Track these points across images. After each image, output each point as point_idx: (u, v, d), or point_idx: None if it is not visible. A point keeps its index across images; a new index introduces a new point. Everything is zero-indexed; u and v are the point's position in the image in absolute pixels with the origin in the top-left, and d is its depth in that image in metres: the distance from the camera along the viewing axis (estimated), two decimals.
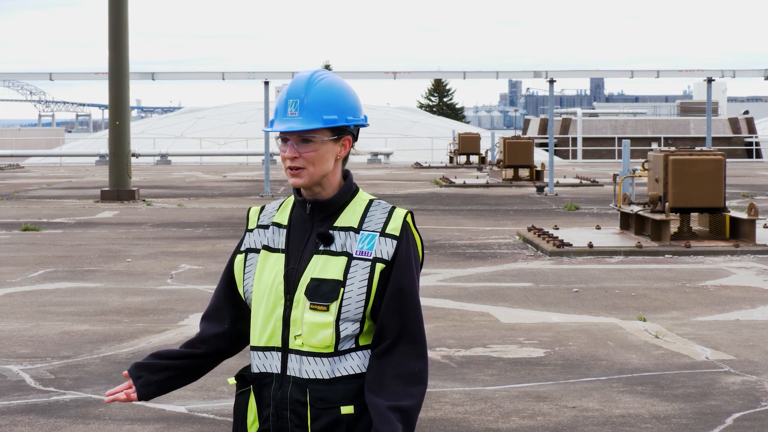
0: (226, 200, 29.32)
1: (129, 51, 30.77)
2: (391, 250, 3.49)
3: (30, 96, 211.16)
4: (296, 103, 3.51)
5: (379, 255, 3.48)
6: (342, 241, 3.50)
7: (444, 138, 60.05)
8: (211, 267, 16.17)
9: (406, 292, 3.49)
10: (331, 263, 3.49)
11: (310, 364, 3.47)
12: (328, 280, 3.47)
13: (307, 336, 3.47)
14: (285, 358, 3.50)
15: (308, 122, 3.49)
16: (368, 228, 3.52)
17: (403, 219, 3.54)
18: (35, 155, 62.51)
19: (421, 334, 3.51)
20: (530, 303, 13.16)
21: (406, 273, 3.50)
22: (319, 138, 3.51)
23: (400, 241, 3.51)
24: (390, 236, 3.51)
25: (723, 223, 18.66)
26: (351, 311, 3.47)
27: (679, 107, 77.98)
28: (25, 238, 20.12)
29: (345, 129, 3.55)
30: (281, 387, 3.50)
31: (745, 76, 41.60)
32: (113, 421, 8.16)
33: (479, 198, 29.86)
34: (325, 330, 3.46)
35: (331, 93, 3.53)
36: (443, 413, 8.36)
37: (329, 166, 3.52)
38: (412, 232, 3.56)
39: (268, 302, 3.53)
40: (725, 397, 8.81)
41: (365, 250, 3.49)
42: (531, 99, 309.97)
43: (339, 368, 3.48)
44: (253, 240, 3.64)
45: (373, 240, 3.50)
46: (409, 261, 3.51)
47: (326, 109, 3.51)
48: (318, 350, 3.47)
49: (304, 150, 3.51)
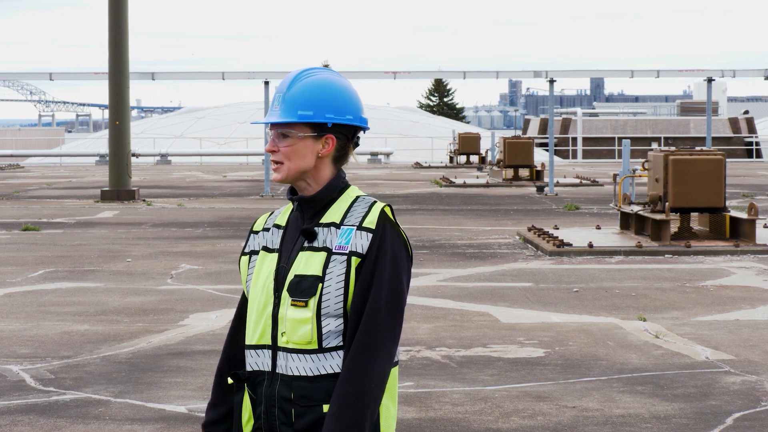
0: (226, 200, 29.32)
1: (129, 51, 30.77)
2: (366, 243, 3.49)
3: (30, 96, 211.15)
4: (279, 97, 3.58)
5: (354, 249, 3.48)
6: (324, 236, 3.52)
7: (444, 138, 60.05)
8: (211, 267, 16.17)
9: (376, 286, 3.46)
10: (313, 259, 3.51)
11: (294, 361, 3.49)
12: (309, 276, 3.49)
13: (290, 332, 3.49)
14: (275, 356, 3.53)
15: (283, 116, 3.54)
16: (348, 223, 3.53)
17: (380, 212, 3.52)
18: (35, 155, 62.49)
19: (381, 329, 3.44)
20: (530, 303, 13.16)
21: (379, 266, 3.47)
22: (294, 133, 3.54)
23: (376, 234, 3.49)
24: (366, 229, 3.50)
25: (723, 223, 18.66)
26: (331, 306, 3.47)
27: (679, 107, 77.97)
28: (25, 238, 20.12)
29: (325, 126, 3.55)
30: (271, 384, 3.53)
31: (745, 76, 41.60)
32: (113, 421, 8.16)
33: (479, 198, 29.86)
34: (304, 326, 3.48)
35: (314, 89, 3.55)
36: (443, 413, 8.36)
37: (307, 162, 3.54)
38: (390, 225, 3.52)
39: (260, 301, 3.56)
40: (725, 397, 8.81)
41: (342, 244, 3.49)
42: (531, 99, 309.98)
43: (324, 366, 3.48)
44: (257, 242, 3.67)
45: (350, 234, 3.50)
46: (383, 254, 3.48)
47: (303, 105, 3.53)
48: (301, 347, 3.48)
49: (281, 144, 3.56)
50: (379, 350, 3.45)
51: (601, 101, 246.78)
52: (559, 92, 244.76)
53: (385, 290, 3.47)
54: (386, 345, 3.46)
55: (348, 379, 3.42)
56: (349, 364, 3.43)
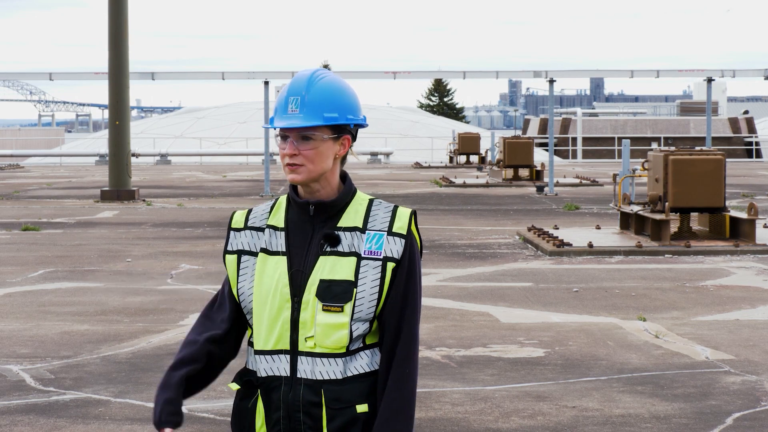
0: (226, 200, 29.33)
1: (129, 51, 30.78)
2: (400, 248, 3.53)
3: (30, 96, 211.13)
4: (297, 100, 3.52)
5: (389, 254, 3.51)
6: (349, 241, 3.51)
7: (444, 138, 60.04)
8: (211, 267, 16.17)
9: (410, 292, 3.53)
10: (341, 264, 3.49)
11: (324, 366, 3.48)
12: (340, 281, 3.48)
13: (320, 337, 3.48)
14: (294, 361, 3.50)
15: (309, 119, 3.50)
16: (374, 227, 3.53)
17: (409, 217, 3.58)
18: (35, 155, 62.48)
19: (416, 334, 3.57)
20: (530, 303, 13.16)
21: (412, 272, 3.54)
22: (318, 136, 3.52)
23: (407, 239, 3.55)
24: (398, 235, 3.53)
25: (723, 222, 18.66)
26: (363, 311, 3.49)
27: (679, 107, 77.95)
28: (25, 238, 20.12)
29: (345, 128, 3.56)
30: (291, 389, 3.50)
31: (745, 76, 41.61)
32: (113, 421, 8.16)
33: (479, 198, 29.86)
34: (340, 331, 3.48)
35: (332, 91, 3.55)
36: (443, 413, 8.37)
37: (328, 164, 3.53)
38: (415, 230, 3.59)
39: (272, 305, 3.52)
40: (725, 396, 8.81)
41: (374, 249, 3.51)
42: (531, 99, 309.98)
43: (351, 368, 3.50)
44: (246, 241, 3.63)
45: (381, 239, 3.52)
46: (414, 260, 3.56)
47: (327, 107, 3.52)
48: (332, 351, 3.48)
49: (303, 147, 3.52)
50: (414, 357, 3.55)
51: (601, 101, 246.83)
52: (559, 92, 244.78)
53: (417, 297, 3.56)
54: (417, 350, 3.57)
55: (396, 387, 3.49)
56: (395, 372, 3.50)
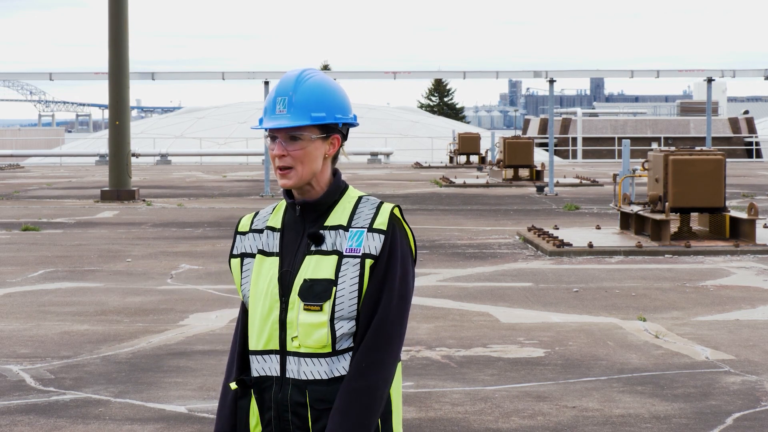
0: (226, 200, 29.33)
1: (129, 51, 30.78)
2: (379, 244, 3.48)
3: (30, 96, 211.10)
4: (284, 100, 3.52)
5: (368, 251, 3.47)
6: (332, 240, 3.50)
7: (444, 138, 60.04)
8: (211, 267, 16.17)
9: (387, 287, 3.47)
10: (323, 263, 3.48)
11: (308, 365, 3.47)
12: (321, 280, 3.47)
13: (303, 337, 3.47)
14: (283, 361, 3.51)
15: (296, 119, 3.50)
16: (357, 225, 3.51)
17: (390, 212, 3.53)
18: (35, 155, 62.50)
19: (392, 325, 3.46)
20: (530, 303, 13.16)
21: (391, 267, 3.48)
22: (306, 136, 3.51)
23: (387, 235, 3.49)
24: (377, 231, 3.49)
25: (723, 223, 18.66)
26: (345, 309, 3.46)
27: (679, 107, 77.95)
28: (25, 238, 20.12)
29: (334, 127, 3.55)
30: (281, 389, 3.51)
31: (745, 76, 41.60)
32: (113, 421, 8.16)
33: (479, 198, 29.86)
34: (320, 330, 3.46)
35: (320, 91, 3.54)
36: (443, 413, 8.37)
37: (318, 165, 3.52)
38: (400, 226, 3.54)
39: (264, 306, 3.53)
40: (725, 397, 8.81)
41: (354, 246, 3.48)
42: (531, 99, 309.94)
43: (337, 368, 3.48)
44: (248, 244, 3.63)
45: (361, 236, 3.49)
46: (394, 255, 3.49)
47: (314, 107, 3.51)
48: (315, 351, 3.47)
49: (292, 148, 3.51)
50: (386, 349, 3.46)
51: (601, 101, 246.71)
52: (559, 92, 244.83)
53: (396, 291, 3.48)
54: (394, 344, 3.48)
55: (358, 375, 3.43)
56: (357, 360, 3.44)
